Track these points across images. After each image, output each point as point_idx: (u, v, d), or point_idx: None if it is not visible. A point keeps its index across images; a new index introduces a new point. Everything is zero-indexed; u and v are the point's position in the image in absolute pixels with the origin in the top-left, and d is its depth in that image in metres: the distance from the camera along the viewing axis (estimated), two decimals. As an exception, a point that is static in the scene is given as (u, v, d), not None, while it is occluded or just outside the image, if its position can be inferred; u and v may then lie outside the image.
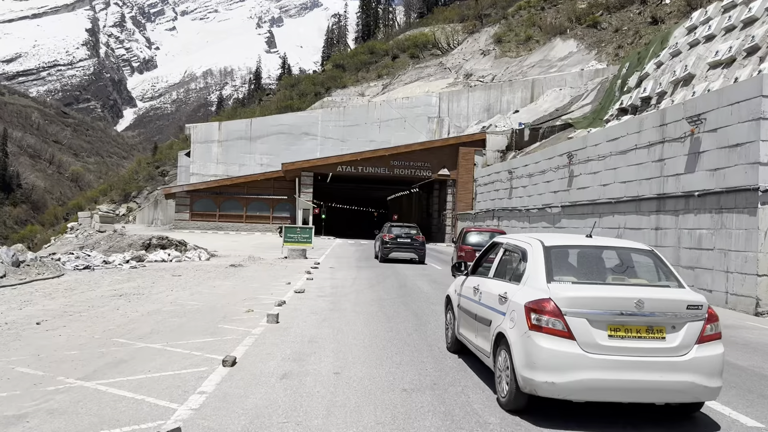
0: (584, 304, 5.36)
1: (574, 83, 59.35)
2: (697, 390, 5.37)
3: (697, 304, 5.49)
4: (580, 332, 5.30)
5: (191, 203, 51.84)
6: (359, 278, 17.18)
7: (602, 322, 5.33)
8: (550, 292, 5.48)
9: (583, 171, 26.78)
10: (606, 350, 5.28)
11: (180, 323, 9.25)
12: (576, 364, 5.24)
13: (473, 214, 43.61)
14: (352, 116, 58.17)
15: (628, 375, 5.26)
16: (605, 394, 5.35)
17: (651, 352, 5.33)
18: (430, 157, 48.72)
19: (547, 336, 5.33)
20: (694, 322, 5.44)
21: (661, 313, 5.40)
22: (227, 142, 57.03)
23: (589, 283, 5.76)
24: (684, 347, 5.38)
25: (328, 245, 36.87)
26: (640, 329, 5.36)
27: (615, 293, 5.47)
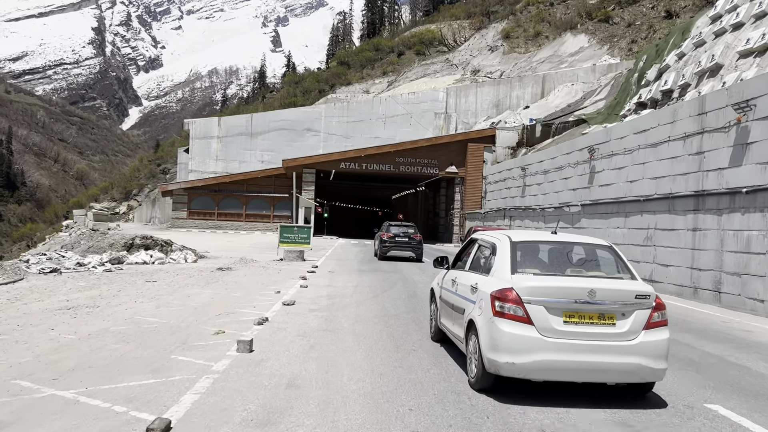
0: (542, 293, 5.88)
1: (587, 78, 56.99)
2: (644, 371, 5.91)
3: (645, 294, 6.02)
4: (538, 318, 5.83)
5: (189, 201, 49.63)
6: (361, 285, 14.90)
7: (558, 309, 5.85)
8: (513, 283, 6.02)
9: (606, 166, 24.43)
10: (561, 335, 5.81)
11: (122, 352, 6.98)
12: (534, 346, 5.76)
13: (482, 213, 41.27)
14: (356, 112, 55.87)
15: (581, 357, 5.78)
16: (560, 374, 5.88)
17: (602, 337, 5.86)
18: (437, 153, 46.39)
19: (509, 321, 5.86)
20: (641, 310, 5.96)
21: (612, 302, 5.91)
22: (227, 138, 54.80)
23: (548, 274, 6.27)
24: (632, 332, 5.91)
25: (329, 246, 34.61)
26: (592, 316, 5.89)
27: (570, 284, 6.00)
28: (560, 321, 5.83)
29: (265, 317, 9.31)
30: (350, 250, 31.64)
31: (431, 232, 53.99)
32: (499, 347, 5.82)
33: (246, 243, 33.02)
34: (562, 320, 5.84)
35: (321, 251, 28.12)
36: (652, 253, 20.29)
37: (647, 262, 20.55)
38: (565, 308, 5.84)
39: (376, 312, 10.68)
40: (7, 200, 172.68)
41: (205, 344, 7.55)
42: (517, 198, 35.32)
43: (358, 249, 32.55)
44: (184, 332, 8.25)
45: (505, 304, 5.89)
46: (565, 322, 5.84)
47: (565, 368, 5.80)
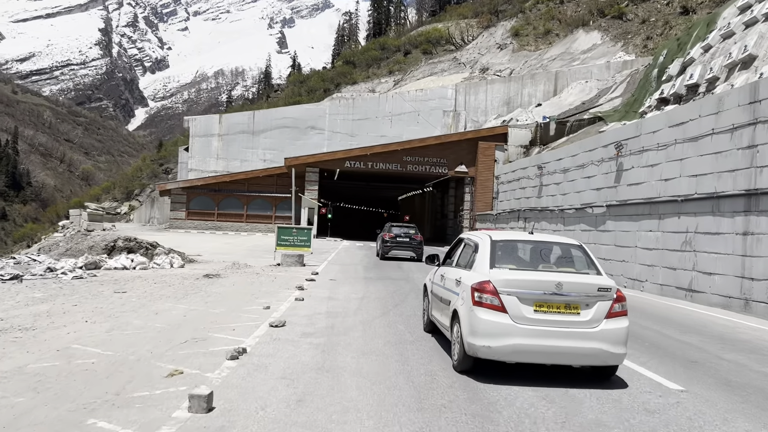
0: (515, 286, 6.66)
1: (601, 76, 54.67)
2: (605, 355, 6.66)
3: (607, 287, 6.80)
4: (511, 307, 6.60)
5: (188, 201, 47.45)
6: (368, 298, 12.63)
7: (530, 300, 6.62)
8: (491, 276, 6.78)
9: (636, 163, 22.09)
10: (532, 322, 6.57)
11: (21, 411, 4.73)
12: (507, 332, 6.52)
13: (494, 215, 38.94)
14: (362, 109, 53.63)
15: (549, 342, 6.52)
16: (530, 356, 6.62)
17: (568, 324, 6.61)
18: (446, 152, 44.09)
19: (486, 310, 6.62)
20: (603, 302, 6.72)
21: (577, 294, 6.68)
22: (228, 136, 52.63)
23: (522, 269, 7.01)
24: (595, 321, 6.66)
25: (332, 248, 32.37)
26: (559, 306, 6.64)
27: (541, 278, 6.78)
28: (531, 310, 6.54)
29: (242, 348, 7.04)
30: (355, 253, 29.40)
31: (439, 233, 51.69)
32: (477, 332, 6.54)
33: (244, 245, 30.81)
34: (532, 309, 6.54)
35: (323, 255, 25.86)
36: (692, 259, 17.96)
37: (686, 269, 18.23)
38: (535, 299, 6.56)
39: (387, 338, 8.38)
40: (12, 200, 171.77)
41: (148, 394, 5.30)
42: (533, 199, 32.99)
43: (363, 252, 30.30)
44: (127, 372, 6.00)
45: (483, 295, 6.61)
46: (536, 310, 6.55)
47: (535, 351, 6.49)
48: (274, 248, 19.40)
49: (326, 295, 12.59)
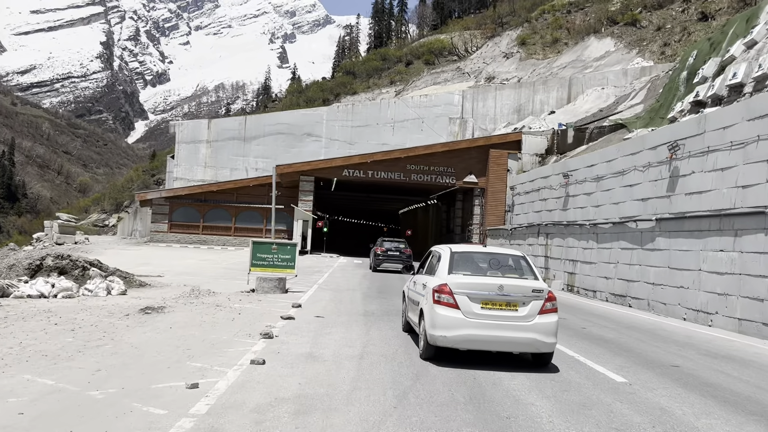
0: (466, 287, 8.20)
1: (618, 82, 50.63)
2: (538, 344, 8.16)
3: (540, 289, 8.36)
4: (463, 305, 8.11)
5: (170, 212, 43.04)
6: (370, 355, 8.18)
7: (478, 299, 8.14)
8: (447, 280, 8.32)
9: (697, 167, 17.75)
10: (479, 316, 8.09)
11: None
12: (459, 324, 8.03)
13: (509, 230, 34.51)
14: (362, 115, 49.42)
15: (493, 332, 8.08)
16: (478, 344, 8.18)
17: (508, 319, 8.12)
18: (454, 161, 39.78)
19: (443, 307, 8.13)
20: (537, 301, 8.23)
21: (515, 294, 8.18)
22: (218, 142, 48.34)
23: (473, 275, 8.54)
24: (530, 316, 8.16)
25: (327, 267, 27.94)
26: (501, 304, 8.15)
27: (487, 281, 8.30)
28: (479, 307, 8.12)
29: None
30: (352, 273, 24.96)
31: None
32: (436, 325, 8.12)
33: (225, 262, 26.33)
34: (480, 306, 8.13)
35: (314, 275, 21.45)
36: (791, 288, 13.57)
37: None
38: (482, 298, 8.15)
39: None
40: (7, 212, 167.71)
41: None
42: (557, 211, 28.59)
43: (361, 272, 25.87)
44: None
45: (441, 295, 8.20)
46: (482, 307, 8.13)
47: (482, 340, 8.11)
48: (248, 269, 14.96)
49: (305, 351, 8.10)
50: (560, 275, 27.46)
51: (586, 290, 24.57)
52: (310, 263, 30.68)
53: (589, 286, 24.35)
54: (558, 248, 27.98)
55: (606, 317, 16.91)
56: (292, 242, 15.45)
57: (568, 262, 26.63)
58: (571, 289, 25.97)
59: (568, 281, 26.54)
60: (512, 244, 34.06)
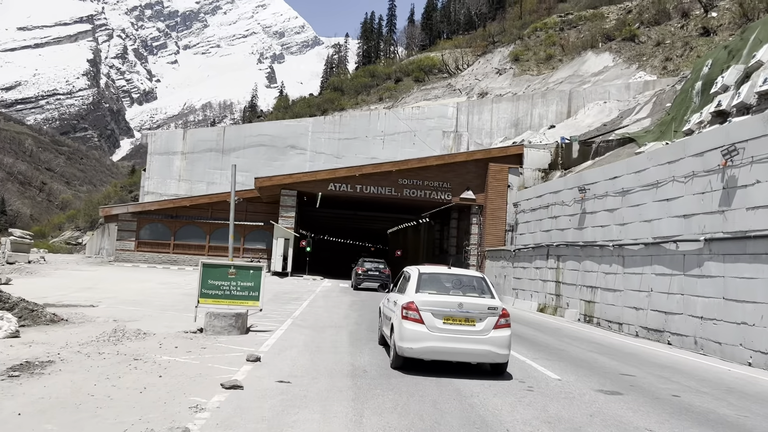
0: (431, 305, 9.10)
1: (620, 96, 47.72)
2: (492, 355, 9.12)
3: (495, 306, 9.28)
4: (427, 320, 8.97)
5: (138, 229, 39.00)
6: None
7: (440, 315, 9.03)
8: (414, 298, 9.23)
9: (763, 176, 14.28)
10: (441, 330, 8.98)
11: None
12: (424, 337, 8.91)
13: (512, 251, 30.85)
14: (350, 127, 45.88)
15: (453, 345, 8.98)
16: (440, 355, 9.06)
17: (467, 333, 9.04)
18: (450, 175, 36.24)
19: (410, 322, 8.99)
20: (492, 317, 9.14)
21: (473, 311, 9.11)
22: (193, 154, 44.48)
23: (437, 293, 9.48)
24: (486, 330, 9.08)
25: (308, 292, 24.11)
26: (461, 319, 9.06)
27: (448, 299, 9.24)
28: (441, 322, 8.99)
29: None
30: (337, 301, 21.14)
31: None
32: (404, 338, 8.95)
33: (187, 287, 22.37)
34: (442, 321, 8.99)
35: (290, 305, 17.65)
36: None
37: None
38: (444, 314, 9.02)
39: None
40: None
41: None
42: (570, 230, 25.02)
43: (348, 299, 22.04)
44: None
45: (408, 312, 9.04)
46: (444, 322, 9.00)
47: (443, 352, 8.99)
48: (197, 301, 11.05)
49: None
50: (575, 303, 23.81)
51: (610, 322, 20.90)
52: (289, 287, 26.84)
53: (614, 317, 20.69)
54: (572, 272, 24.36)
55: (646, 360, 13.22)
56: (257, 265, 11.54)
57: (586, 288, 23.00)
58: (590, 320, 22.30)
59: (586, 310, 22.87)
60: (516, 267, 30.42)
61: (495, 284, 33.47)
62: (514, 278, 30.46)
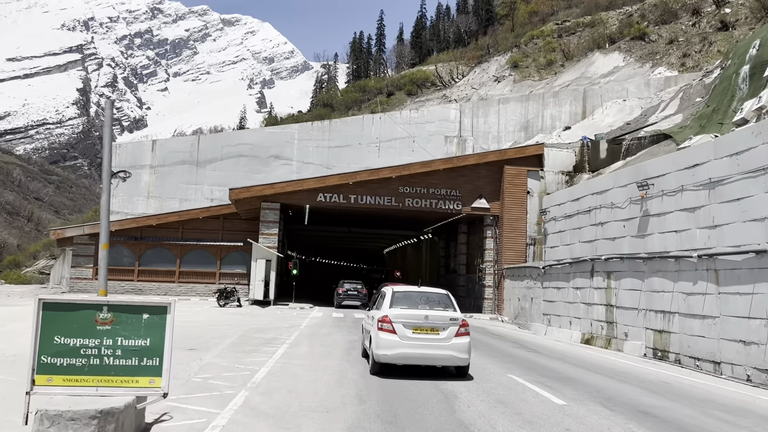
0: (402, 317, 10.67)
1: (640, 94, 42.71)
2: (455, 359, 10.77)
3: (456, 318, 10.84)
4: (399, 330, 10.55)
5: (96, 253, 33.03)
6: None
7: (410, 326, 10.61)
8: (388, 312, 10.80)
9: None
10: (411, 339, 10.56)
11: None
12: (396, 345, 10.50)
13: (541, 269, 25.05)
14: (341, 134, 40.38)
15: (421, 351, 10.60)
16: (410, 360, 10.65)
17: (432, 341, 10.62)
18: (460, 181, 30.66)
19: (384, 333, 10.57)
20: (453, 326, 10.72)
21: (437, 322, 10.71)
22: (164, 167, 38.74)
23: (407, 308, 10.97)
24: (449, 338, 10.66)
25: (291, 329, 18.26)
26: (427, 329, 10.64)
27: (417, 312, 10.81)
28: (410, 332, 10.54)
29: None
30: (330, 345, 15.19)
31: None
32: (379, 346, 10.53)
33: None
34: (411, 331, 10.54)
35: (257, 354, 11.90)
36: None
37: None
38: (413, 325, 10.58)
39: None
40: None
41: None
42: (626, 239, 19.35)
43: (345, 339, 16.14)
44: None
45: (383, 324, 10.58)
46: (413, 332, 10.56)
47: (413, 357, 10.55)
48: (29, 382, 5.30)
49: None
50: (638, 333, 18.03)
51: (698, 360, 15.13)
52: (266, 322, 20.98)
53: (705, 354, 14.92)
54: (631, 293, 18.61)
55: None
56: (157, 304, 5.68)
57: (654, 314, 17.25)
58: (664, 356, 16.52)
59: (657, 343, 17.09)
60: (547, 288, 24.63)
61: (519, 309, 27.72)
62: (545, 301, 24.69)
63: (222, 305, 26.51)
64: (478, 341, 18.80)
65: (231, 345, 13.37)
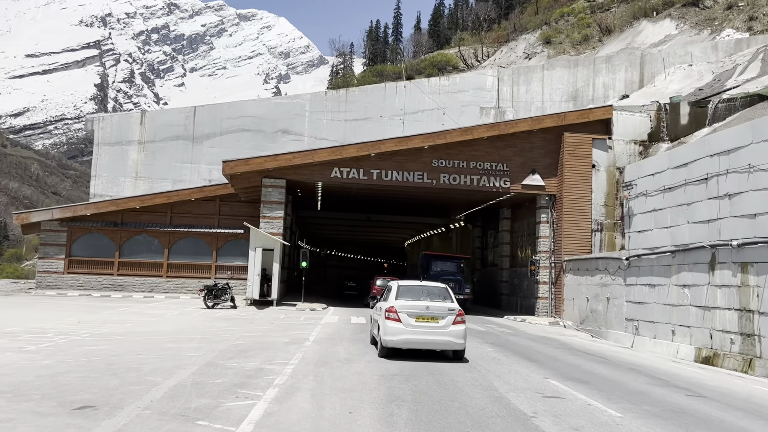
0: (406, 308, 11.88)
1: (707, 58, 36.20)
2: (452, 344, 11.98)
3: (453, 308, 12.02)
4: (404, 319, 11.76)
5: (69, 242, 27.43)
6: None
7: (413, 315, 11.82)
8: (395, 303, 12.04)
9: None
10: (414, 326, 11.80)
11: None
12: (401, 332, 11.73)
13: (623, 260, 18.84)
14: (360, 105, 34.45)
15: (423, 336, 11.83)
16: (414, 345, 11.91)
17: (433, 328, 11.84)
18: (508, 152, 24.55)
19: (391, 321, 11.79)
20: (451, 316, 11.91)
21: (437, 311, 11.91)
22: (155, 144, 33.05)
23: (411, 300, 12.21)
24: (447, 326, 11.87)
25: (289, 346, 12.50)
26: (428, 318, 11.85)
27: (419, 303, 12.06)
28: (414, 320, 11.78)
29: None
30: (357, 386, 9.21)
31: (487, 294, 31.66)
32: (387, 333, 11.78)
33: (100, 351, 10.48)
34: (414, 320, 11.79)
35: (211, 418, 5.92)
36: None
37: None
38: (416, 314, 11.82)
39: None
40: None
41: None
42: (765, 217, 13.15)
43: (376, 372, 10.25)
44: None
45: (390, 313, 11.81)
46: (416, 321, 11.79)
47: (416, 342, 11.84)
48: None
49: None
50: (809, 354, 11.85)
51: None
52: (260, 332, 15.15)
53: None
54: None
55: None
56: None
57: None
58: None
59: None
60: (632, 285, 18.44)
61: (588, 312, 21.54)
62: (629, 303, 18.52)
63: (210, 306, 20.73)
64: (544, 356, 13.23)
65: (170, 393, 7.36)
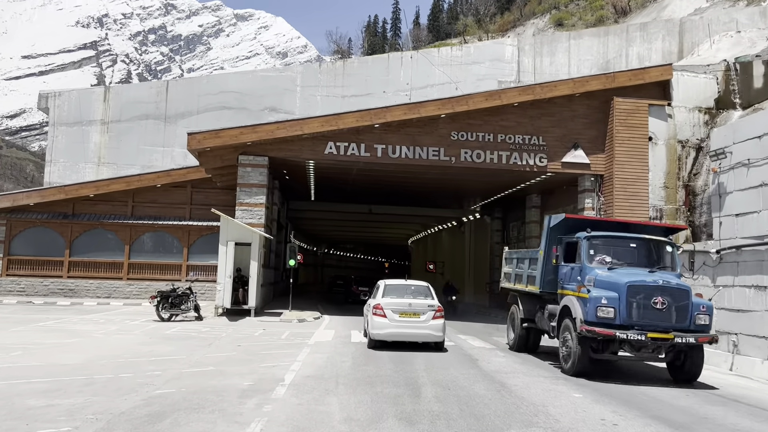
0: (391, 305, 13.12)
1: (753, 24, 31.54)
2: (432, 337, 13.24)
3: (433, 305, 13.34)
4: (389, 315, 13.00)
5: (8, 237, 22.49)
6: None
7: (397, 311, 13.06)
8: (381, 301, 13.29)
9: None
10: (398, 321, 13.04)
11: None
12: (386, 326, 13.01)
13: (713, 253, 13.95)
14: (360, 79, 29.60)
15: (406, 330, 13.10)
16: (397, 337, 13.13)
17: (415, 322, 13.11)
18: (543, 122, 19.70)
19: (377, 317, 13.07)
20: (431, 311, 13.18)
21: (419, 308, 13.16)
22: (120, 123, 28.10)
23: (396, 297, 13.47)
24: (427, 320, 13.12)
25: (246, 400, 7.57)
26: (410, 314, 13.09)
27: (403, 301, 13.32)
28: (398, 316, 13.01)
29: None
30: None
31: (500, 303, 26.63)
32: (374, 327, 13.08)
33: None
34: (398, 315, 13.01)
35: None
36: None
37: None
38: (400, 310, 13.06)
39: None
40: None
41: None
42: None
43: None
44: None
45: (377, 310, 13.10)
46: (400, 316, 13.02)
47: (399, 335, 13.09)
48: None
49: None
50: None
51: None
52: (213, 364, 10.32)
53: None
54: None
55: None
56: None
57: None
58: None
59: None
60: (726, 287, 13.57)
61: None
62: (721, 309, 13.63)
63: (166, 318, 15.81)
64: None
65: None
